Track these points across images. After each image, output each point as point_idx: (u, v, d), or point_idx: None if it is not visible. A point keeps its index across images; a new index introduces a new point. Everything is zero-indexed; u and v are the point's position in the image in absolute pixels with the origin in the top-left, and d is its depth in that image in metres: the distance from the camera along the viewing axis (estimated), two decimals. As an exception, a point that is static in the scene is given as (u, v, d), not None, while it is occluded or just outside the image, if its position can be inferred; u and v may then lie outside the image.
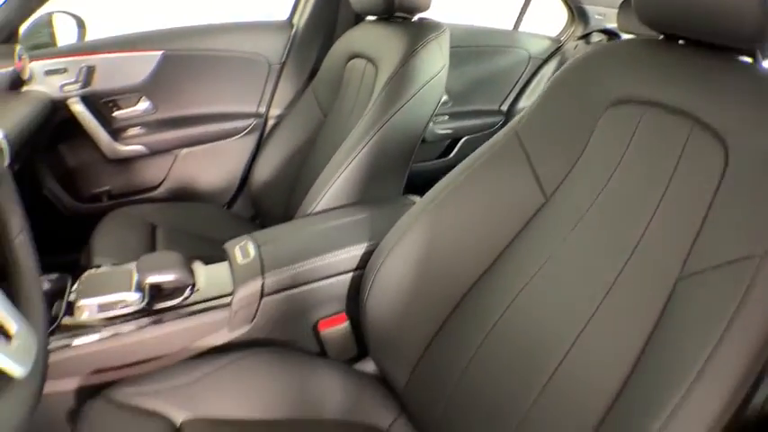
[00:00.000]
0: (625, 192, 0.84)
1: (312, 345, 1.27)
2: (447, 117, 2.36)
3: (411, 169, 1.55)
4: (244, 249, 1.25)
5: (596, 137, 0.90)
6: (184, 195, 2.07)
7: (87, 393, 1.07)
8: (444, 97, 2.22)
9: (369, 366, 1.23)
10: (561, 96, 0.96)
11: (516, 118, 1.03)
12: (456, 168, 1.07)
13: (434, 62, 1.45)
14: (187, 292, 1.19)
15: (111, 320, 1.16)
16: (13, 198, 1.00)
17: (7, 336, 0.79)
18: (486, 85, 2.44)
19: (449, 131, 2.35)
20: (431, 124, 2.17)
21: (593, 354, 0.81)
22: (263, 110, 2.06)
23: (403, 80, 1.41)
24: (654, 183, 0.81)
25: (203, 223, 1.55)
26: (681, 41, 0.88)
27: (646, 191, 0.81)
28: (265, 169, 1.86)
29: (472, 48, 2.35)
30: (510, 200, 0.98)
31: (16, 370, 0.77)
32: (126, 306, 1.16)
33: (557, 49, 2.63)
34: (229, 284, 1.20)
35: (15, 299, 0.85)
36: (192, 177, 2.08)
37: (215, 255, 1.28)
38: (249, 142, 2.06)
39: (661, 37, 0.89)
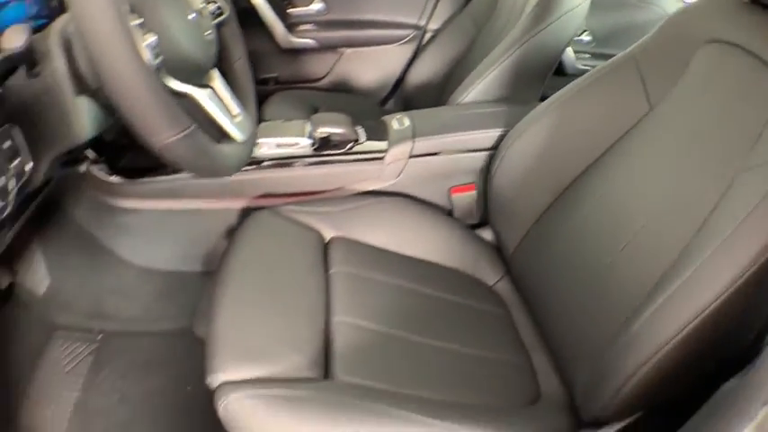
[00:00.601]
0: (707, 107, 1.01)
1: (444, 205, 1.49)
2: (588, 56, 2.48)
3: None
4: (400, 120, 1.48)
5: (692, 65, 1.07)
6: (343, 90, 2.31)
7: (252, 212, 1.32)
8: (589, 37, 2.36)
9: (485, 235, 1.43)
10: (672, 31, 1.13)
11: (635, 44, 1.20)
12: (579, 78, 1.25)
13: None
14: (350, 145, 1.43)
15: (285, 157, 1.43)
16: (236, 34, 1.27)
17: (232, 114, 1.06)
18: (625, 34, 2.51)
19: (588, 68, 2.47)
20: (574, 58, 2.32)
21: (663, 225, 0.97)
22: (422, 23, 2.24)
23: (549, 5, 1.57)
24: (729, 103, 0.97)
25: (360, 113, 1.76)
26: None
27: (722, 108, 0.98)
28: (419, 75, 2.08)
29: (618, -1, 2.46)
30: (620, 106, 1.15)
31: (237, 136, 1.05)
32: (299, 148, 1.42)
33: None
34: (385, 144, 1.43)
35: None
36: (352, 74, 2.31)
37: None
38: (407, 50, 2.25)
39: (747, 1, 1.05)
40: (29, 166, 0.93)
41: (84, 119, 1.01)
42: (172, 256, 1.60)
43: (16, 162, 0.89)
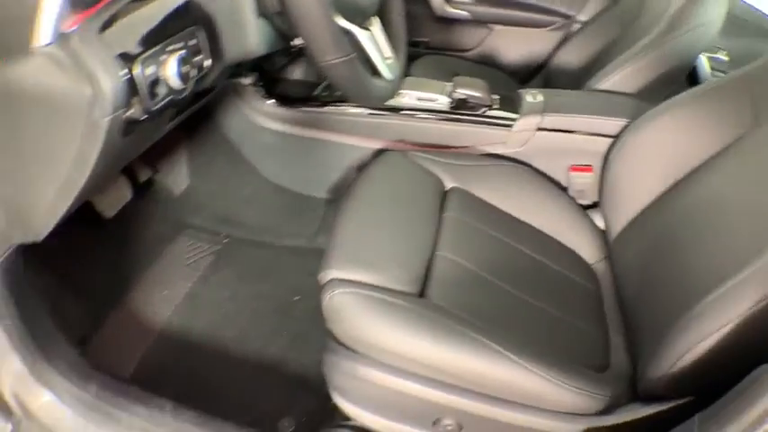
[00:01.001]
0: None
1: (560, 181, 1.57)
2: (722, 74, 2.46)
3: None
4: (534, 95, 1.57)
5: None
6: (488, 64, 2.38)
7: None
8: (726, 57, 2.35)
9: (595, 218, 1.49)
10: None
11: (753, 64, 1.25)
12: (699, 86, 1.32)
13: (711, 11, 1.65)
14: (483, 109, 1.55)
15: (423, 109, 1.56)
16: None
17: (384, 56, 1.21)
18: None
19: (722, 85, 2.46)
20: (709, 74, 2.32)
21: (743, 235, 1.03)
22: (572, 13, 2.30)
23: (683, 16, 1.64)
24: None
25: (500, 87, 1.85)
26: None
27: None
28: (562, 62, 2.15)
29: (758, 26, 2.42)
30: (729, 118, 1.21)
31: (387, 74, 1.21)
32: (436, 104, 1.56)
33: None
34: (516, 114, 1.54)
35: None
36: (500, 51, 2.40)
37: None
38: (555, 36, 2.32)
39: None
40: (207, 63, 1.10)
41: (258, 37, 1.19)
42: (306, 179, 1.78)
43: (198, 57, 1.07)
